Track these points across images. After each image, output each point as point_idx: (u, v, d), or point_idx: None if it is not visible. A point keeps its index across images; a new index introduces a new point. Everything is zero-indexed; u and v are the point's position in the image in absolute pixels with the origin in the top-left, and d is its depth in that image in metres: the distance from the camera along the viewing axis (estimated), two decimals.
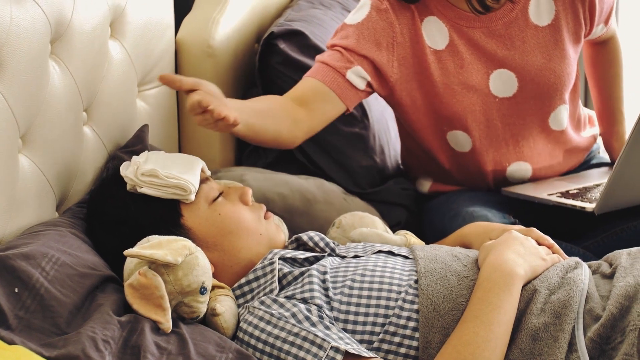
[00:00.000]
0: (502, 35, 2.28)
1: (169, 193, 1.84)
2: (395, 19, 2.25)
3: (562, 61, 2.31)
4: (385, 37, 2.25)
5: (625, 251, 1.85)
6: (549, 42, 2.30)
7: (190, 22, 2.46)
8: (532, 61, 2.30)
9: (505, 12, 2.27)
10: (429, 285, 1.77)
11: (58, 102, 1.90)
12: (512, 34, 2.28)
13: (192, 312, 1.74)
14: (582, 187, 2.39)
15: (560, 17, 2.29)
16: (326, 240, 1.95)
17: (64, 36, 1.91)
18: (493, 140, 2.37)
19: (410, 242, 2.05)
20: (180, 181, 1.83)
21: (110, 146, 2.10)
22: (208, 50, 2.40)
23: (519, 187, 2.43)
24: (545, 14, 2.29)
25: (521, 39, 2.29)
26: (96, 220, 1.88)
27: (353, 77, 2.23)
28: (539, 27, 2.29)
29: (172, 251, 1.70)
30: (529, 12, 2.28)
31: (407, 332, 1.74)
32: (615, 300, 1.69)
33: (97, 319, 1.61)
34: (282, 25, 2.54)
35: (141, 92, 2.26)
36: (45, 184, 1.88)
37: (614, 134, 2.58)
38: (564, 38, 2.30)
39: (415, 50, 2.28)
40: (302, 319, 1.71)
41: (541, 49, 2.30)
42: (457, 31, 2.28)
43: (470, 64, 2.29)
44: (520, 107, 2.34)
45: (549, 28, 2.29)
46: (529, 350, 1.68)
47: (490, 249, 1.82)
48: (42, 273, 1.64)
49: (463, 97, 2.30)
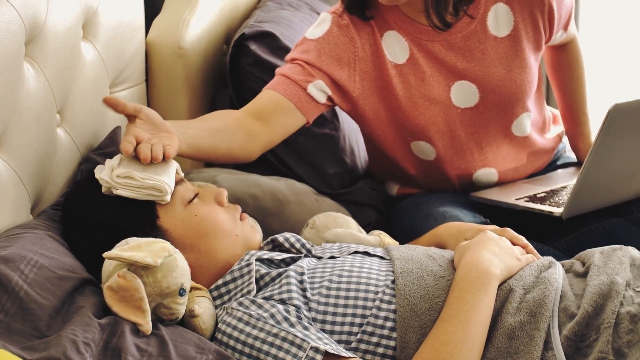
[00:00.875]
0: (461, 47, 2.28)
1: (144, 194, 1.84)
2: (356, 34, 2.26)
3: (522, 71, 2.32)
4: (346, 53, 2.25)
5: (598, 250, 1.87)
6: (509, 52, 2.30)
7: (161, 23, 2.46)
8: (492, 72, 2.30)
9: (464, 25, 2.26)
10: (405, 285, 1.79)
11: (32, 104, 1.89)
12: (472, 46, 2.28)
13: (171, 313, 1.74)
14: (549, 189, 2.41)
15: (519, 27, 2.29)
16: (302, 241, 1.96)
17: (38, 38, 1.91)
18: (457, 149, 2.39)
19: (384, 242, 2.06)
20: (155, 182, 1.83)
21: (83, 148, 2.09)
22: (179, 51, 2.40)
23: (486, 191, 2.45)
24: (504, 25, 2.28)
25: (481, 50, 2.29)
26: (72, 223, 1.88)
27: (314, 91, 2.23)
28: (498, 39, 2.29)
29: (152, 253, 1.70)
30: (487, 24, 2.28)
31: (385, 332, 1.75)
32: (590, 299, 1.71)
33: (78, 321, 1.61)
34: (253, 27, 2.54)
35: (112, 93, 2.26)
36: (20, 186, 1.87)
37: (579, 136, 2.60)
38: (524, 47, 2.31)
39: (376, 65, 2.28)
40: (281, 320, 1.72)
41: (501, 59, 2.30)
42: (417, 45, 2.28)
43: (431, 77, 2.29)
44: (483, 116, 2.35)
45: (508, 39, 2.29)
46: (505, 348, 1.70)
47: (465, 249, 1.84)
48: (21, 276, 1.63)
49: (425, 109, 2.31)
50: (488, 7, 2.26)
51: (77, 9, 2.05)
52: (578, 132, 2.60)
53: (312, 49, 2.25)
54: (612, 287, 1.72)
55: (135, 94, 2.34)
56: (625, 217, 2.30)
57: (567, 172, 2.57)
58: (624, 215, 2.31)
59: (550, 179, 2.53)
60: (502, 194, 2.42)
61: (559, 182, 2.48)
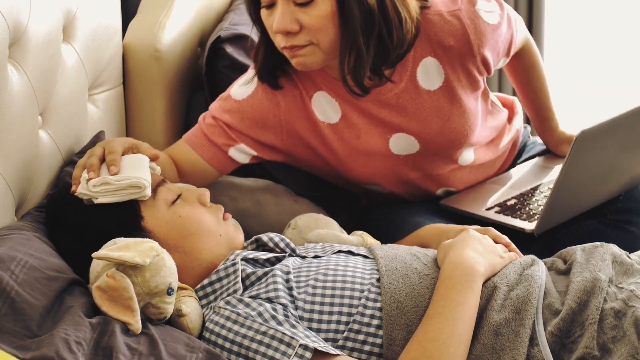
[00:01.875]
0: (394, 105, 2.21)
1: (125, 194, 1.85)
2: (282, 98, 2.20)
3: (461, 117, 2.26)
4: (271, 118, 2.20)
5: (579, 247, 1.90)
6: (444, 103, 2.23)
7: (137, 26, 2.46)
8: (429, 125, 2.24)
9: (393, 85, 2.18)
10: (390, 283, 1.81)
11: (16, 106, 1.89)
12: (405, 102, 2.20)
13: (160, 313, 1.75)
14: (519, 193, 2.41)
15: (451, 78, 2.21)
16: (286, 240, 1.97)
17: (21, 40, 1.91)
18: (409, 185, 2.36)
19: (367, 242, 2.08)
20: (132, 180, 1.84)
21: (65, 150, 2.09)
22: (155, 54, 2.40)
23: (456, 198, 2.43)
24: (435, 79, 2.20)
25: (414, 106, 2.21)
26: (57, 227, 1.88)
27: (236, 154, 2.22)
28: (431, 92, 2.21)
29: (140, 252, 1.71)
30: (417, 79, 2.19)
31: (371, 329, 1.77)
32: (574, 295, 1.74)
33: (69, 320, 1.62)
34: (228, 29, 2.55)
35: (91, 96, 2.26)
36: (5, 187, 1.87)
37: (547, 130, 2.59)
38: (460, 95, 2.24)
39: (307, 127, 2.23)
40: (269, 318, 1.73)
41: (437, 111, 2.23)
42: (348, 104, 2.21)
43: (367, 132, 2.23)
44: (426, 159, 2.31)
45: (441, 90, 2.21)
46: (491, 345, 1.72)
47: (449, 248, 1.86)
48: (11, 276, 1.64)
49: (367, 162, 2.27)
50: (416, 63, 2.18)
51: (57, 12, 2.05)
52: (545, 126, 2.59)
53: (235, 111, 2.20)
54: (596, 283, 1.75)
55: (113, 96, 2.34)
56: (598, 219, 2.31)
57: (535, 166, 2.56)
58: (597, 217, 2.32)
59: (520, 177, 2.52)
60: (472, 201, 2.41)
61: (529, 182, 2.48)
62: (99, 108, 2.28)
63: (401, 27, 2.06)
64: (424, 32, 2.16)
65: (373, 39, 2.03)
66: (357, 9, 1.98)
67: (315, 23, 1.99)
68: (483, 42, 2.19)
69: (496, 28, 2.21)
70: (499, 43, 2.24)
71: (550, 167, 2.56)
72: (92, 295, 1.70)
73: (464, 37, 2.17)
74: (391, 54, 2.09)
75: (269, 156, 2.27)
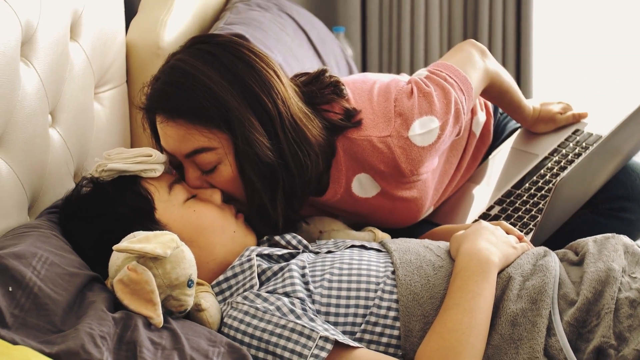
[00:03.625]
0: (336, 208, 2.20)
1: (136, 162, 1.90)
2: None
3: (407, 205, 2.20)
4: None
5: (591, 238, 1.92)
6: (385, 204, 2.18)
7: (139, 24, 2.46)
8: (377, 216, 2.21)
9: (330, 195, 2.14)
10: (406, 275, 1.82)
11: (28, 104, 1.89)
12: (345, 206, 2.18)
13: (180, 305, 1.75)
14: (500, 197, 2.39)
15: (387, 189, 2.15)
16: (298, 237, 1.98)
17: (32, 39, 1.91)
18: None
19: (378, 236, 2.10)
20: (142, 149, 1.92)
21: (74, 148, 2.09)
22: (158, 51, 2.40)
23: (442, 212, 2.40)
24: (370, 190, 2.15)
25: (354, 208, 2.18)
26: (72, 221, 1.88)
27: None
28: (369, 199, 2.16)
29: (161, 244, 1.71)
30: (353, 191, 2.15)
31: (388, 321, 1.79)
32: (589, 285, 1.76)
33: (92, 315, 1.62)
34: (224, 29, 2.56)
35: (97, 94, 2.26)
36: (19, 186, 1.87)
37: (521, 119, 2.53)
38: (400, 195, 2.17)
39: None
40: (287, 312, 1.74)
41: (380, 209, 2.19)
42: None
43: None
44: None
45: (379, 195, 2.16)
46: (509, 335, 1.74)
47: (462, 239, 1.88)
48: (34, 272, 1.64)
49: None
50: (350, 179, 2.13)
51: (65, 11, 2.06)
52: (519, 116, 2.52)
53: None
54: (610, 273, 1.77)
55: (118, 94, 2.35)
56: (590, 209, 2.33)
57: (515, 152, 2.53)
58: (589, 207, 2.33)
59: (500, 171, 2.49)
60: (457, 214, 2.40)
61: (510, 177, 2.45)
62: (104, 106, 2.28)
63: (306, 172, 2.02)
64: (352, 154, 2.10)
65: (279, 193, 2.00)
66: (253, 172, 1.96)
67: (223, 186, 2.00)
68: (417, 166, 2.10)
69: (435, 143, 2.11)
70: (443, 144, 2.16)
71: (527, 151, 2.53)
72: (113, 289, 1.71)
73: (394, 164, 2.09)
74: (301, 198, 2.07)
75: None
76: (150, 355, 1.60)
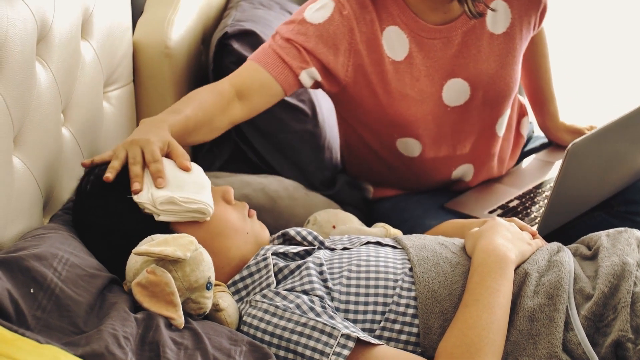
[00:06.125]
0: (459, 44, 2.29)
1: (187, 217, 1.83)
2: (356, 25, 2.23)
3: (512, 68, 2.35)
4: (344, 43, 2.23)
5: (604, 233, 1.94)
6: (502, 50, 2.32)
7: (145, 24, 2.45)
8: (485, 69, 2.32)
9: (464, 21, 2.28)
10: (423, 272, 1.83)
11: (43, 103, 1.89)
12: (469, 42, 2.30)
13: (200, 307, 1.75)
14: (521, 193, 2.45)
15: (515, 25, 2.32)
16: (313, 234, 1.98)
17: (47, 37, 1.91)
18: (442, 146, 2.41)
19: (390, 233, 2.10)
20: (199, 205, 1.83)
21: (85, 147, 2.09)
22: (165, 50, 2.39)
23: (459, 201, 2.48)
24: (501, 23, 2.31)
25: (477, 47, 2.30)
26: (86, 230, 1.86)
27: (305, 77, 2.22)
28: (494, 35, 2.31)
29: (181, 247, 1.70)
30: (486, 20, 2.30)
31: (407, 319, 1.79)
32: (605, 279, 1.77)
33: (115, 316, 1.61)
34: (234, 26, 2.55)
35: (106, 93, 2.25)
36: (35, 185, 1.87)
37: (547, 114, 2.67)
38: (516, 46, 2.34)
39: (373, 59, 2.27)
40: (307, 310, 1.74)
41: (495, 57, 2.33)
42: (416, 42, 2.27)
43: (426, 75, 2.29)
44: (470, 114, 2.38)
45: (504, 36, 2.32)
46: (527, 331, 1.74)
47: (479, 236, 1.88)
48: (54, 273, 1.63)
49: (417, 107, 2.31)
50: (488, 3, 2.26)
51: (77, 9, 2.05)
52: (545, 110, 2.66)
53: (310, 34, 2.22)
54: (625, 267, 1.78)
55: (126, 93, 2.34)
56: (605, 210, 2.36)
57: (538, 161, 2.60)
58: (604, 209, 2.36)
59: (521, 174, 2.56)
60: (475, 203, 2.45)
61: (531, 180, 2.52)
62: (112, 105, 2.27)
63: None
64: None
65: None
66: None
67: None
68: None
69: None
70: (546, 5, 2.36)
71: (552, 161, 2.59)
72: (132, 292, 1.70)
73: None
74: None
75: (328, 86, 2.28)
76: (174, 355, 1.59)
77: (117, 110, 2.29)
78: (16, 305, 1.55)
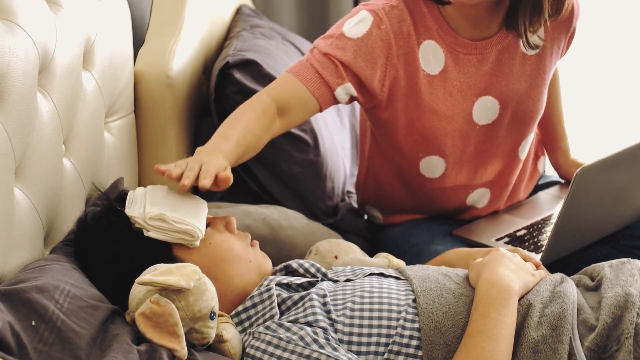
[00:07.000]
0: (493, 61, 2.30)
1: (176, 237, 1.84)
2: (394, 39, 2.23)
3: (540, 90, 2.36)
4: (381, 57, 2.22)
5: (607, 263, 1.93)
6: (534, 70, 2.33)
7: (147, 54, 2.45)
8: (516, 88, 2.33)
9: (500, 38, 2.29)
10: (427, 303, 1.82)
11: (44, 134, 1.88)
12: (502, 60, 2.30)
13: (203, 337, 1.74)
14: (529, 224, 2.45)
15: (546, 47, 2.33)
16: (316, 266, 1.97)
17: (48, 67, 1.90)
18: (464, 166, 2.41)
19: (393, 263, 2.09)
20: (188, 227, 1.83)
21: (86, 178, 2.07)
22: (167, 81, 2.39)
23: (468, 228, 2.47)
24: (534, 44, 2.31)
25: (509, 66, 2.31)
26: (89, 257, 1.86)
27: (340, 93, 2.21)
28: (526, 56, 2.32)
29: (184, 276, 1.70)
30: (520, 40, 2.30)
31: (411, 350, 1.78)
32: (608, 310, 1.76)
33: (118, 348, 1.60)
34: (236, 55, 2.55)
35: (107, 123, 2.25)
36: (36, 217, 1.85)
37: (558, 150, 2.67)
38: (547, 68, 2.35)
39: (408, 72, 2.26)
40: (310, 342, 1.73)
41: (526, 77, 2.33)
42: (453, 57, 2.28)
43: (459, 91, 2.29)
44: (497, 134, 2.37)
45: (535, 57, 2.33)
46: None
47: (482, 266, 1.87)
48: (56, 305, 1.62)
49: (447, 122, 2.31)
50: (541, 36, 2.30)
51: (79, 39, 2.04)
52: (557, 146, 2.67)
53: (348, 48, 2.20)
54: (628, 298, 1.78)
55: (127, 124, 2.33)
56: (611, 244, 2.35)
57: (549, 196, 2.61)
58: (610, 242, 2.36)
59: (532, 207, 2.57)
60: (483, 230, 2.45)
61: (540, 212, 2.52)
62: (114, 136, 2.26)
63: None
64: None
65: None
66: None
67: None
68: (577, 13, 2.36)
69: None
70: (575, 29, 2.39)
71: (562, 197, 2.60)
72: (135, 322, 1.69)
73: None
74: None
75: (364, 100, 2.28)
76: None
77: (119, 141, 2.28)
78: (17, 338, 1.54)
